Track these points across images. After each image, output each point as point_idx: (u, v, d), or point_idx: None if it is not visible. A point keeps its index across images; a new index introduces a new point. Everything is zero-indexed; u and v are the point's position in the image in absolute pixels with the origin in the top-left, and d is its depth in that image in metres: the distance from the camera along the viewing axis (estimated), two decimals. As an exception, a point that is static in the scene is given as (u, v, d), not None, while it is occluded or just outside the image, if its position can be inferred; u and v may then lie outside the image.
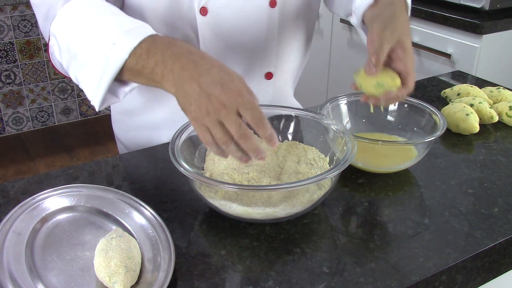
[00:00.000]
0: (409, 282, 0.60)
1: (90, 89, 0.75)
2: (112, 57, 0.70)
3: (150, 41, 0.70)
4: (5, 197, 0.77)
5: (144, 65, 0.68)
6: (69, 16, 0.77)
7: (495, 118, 0.99)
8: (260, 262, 0.64)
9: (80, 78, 0.76)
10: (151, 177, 0.82)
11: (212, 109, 0.62)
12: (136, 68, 0.69)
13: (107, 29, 0.72)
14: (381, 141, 0.81)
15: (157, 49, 0.68)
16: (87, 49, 0.73)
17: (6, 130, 2.94)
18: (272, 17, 0.92)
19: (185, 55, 0.67)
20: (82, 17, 0.76)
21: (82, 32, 0.75)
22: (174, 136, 0.73)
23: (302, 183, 0.66)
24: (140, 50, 0.69)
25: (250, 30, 0.92)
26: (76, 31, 0.75)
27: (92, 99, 0.75)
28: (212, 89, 0.63)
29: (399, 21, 0.80)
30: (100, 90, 0.73)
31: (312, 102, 1.29)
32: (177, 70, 0.66)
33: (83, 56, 0.74)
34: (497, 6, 1.75)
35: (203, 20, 0.87)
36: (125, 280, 0.58)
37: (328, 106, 0.88)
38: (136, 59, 0.69)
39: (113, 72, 0.70)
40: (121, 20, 0.74)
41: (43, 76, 2.92)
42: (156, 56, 0.68)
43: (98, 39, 0.72)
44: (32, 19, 2.78)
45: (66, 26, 0.77)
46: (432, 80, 1.23)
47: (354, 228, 0.71)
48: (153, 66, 0.67)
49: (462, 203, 0.75)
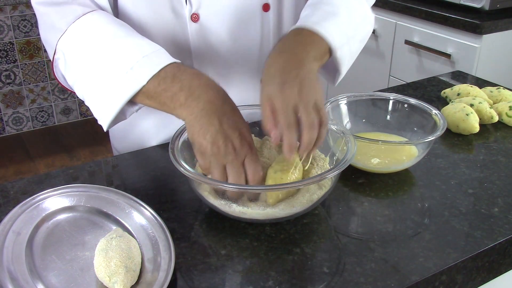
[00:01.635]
0: (409, 282, 0.60)
1: (99, 109, 0.75)
2: (129, 81, 0.70)
3: (176, 67, 0.70)
4: (5, 197, 0.77)
5: (166, 89, 0.68)
6: (81, 34, 0.76)
7: (495, 118, 0.99)
8: (260, 262, 0.64)
9: (88, 97, 0.76)
10: (151, 177, 0.82)
11: (224, 151, 0.64)
12: (155, 90, 0.69)
13: (124, 52, 0.72)
14: (381, 141, 0.81)
15: (183, 76, 0.69)
16: (100, 71, 0.73)
17: (6, 130, 2.94)
18: (266, 22, 0.91)
19: (212, 89, 0.68)
20: (94, 36, 0.75)
21: (95, 52, 0.74)
22: (174, 136, 0.73)
23: (302, 183, 0.66)
24: (164, 74, 0.69)
25: (244, 36, 0.90)
26: (88, 51, 0.75)
27: (100, 119, 0.75)
28: (231, 132, 0.65)
29: (275, 68, 0.68)
30: (111, 112, 0.73)
31: (312, 102, 1.29)
32: (203, 101, 0.66)
33: (94, 77, 0.74)
34: (497, 6, 1.75)
35: (194, 27, 0.86)
36: (125, 280, 0.58)
37: (328, 106, 0.88)
38: (158, 82, 0.69)
39: (128, 96, 0.71)
40: (137, 43, 0.74)
41: (43, 76, 2.92)
42: (183, 82, 0.68)
43: (113, 62, 0.72)
44: (32, 19, 2.78)
45: (77, 44, 0.76)
46: (432, 80, 1.23)
47: (354, 228, 0.71)
48: (177, 91, 0.68)
49: (462, 203, 0.75)
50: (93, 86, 0.74)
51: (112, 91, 0.72)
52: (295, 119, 0.64)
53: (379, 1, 2.01)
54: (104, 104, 0.73)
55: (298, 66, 0.68)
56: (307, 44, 0.73)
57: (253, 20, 0.89)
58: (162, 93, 0.69)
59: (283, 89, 0.65)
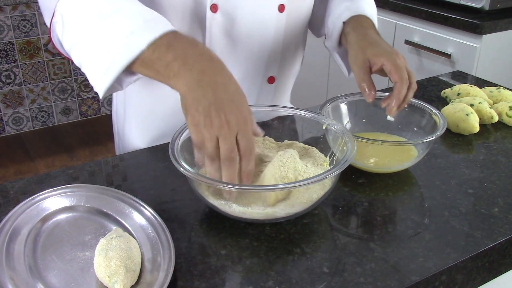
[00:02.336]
0: (409, 282, 0.60)
1: (95, 75, 0.71)
2: (129, 45, 0.67)
3: (172, 35, 0.68)
4: (5, 197, 0.77)
5: (160, 57, 0.66)
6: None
7: (495, 118, 0.99)
8: (260, 262, 0.64)
9: (85, 62, 0.73)
10: (151, 177, 0.82)
11: (217, 123, 0.63)
12: (150, 58, 0.67)
13: (124, 17, 0.70)
14: (381, 141, 0.81)
15: (178, 45, 0.67)
16: (98, 34, 0.70)
17: (6, 130, 2.94)
18: (280, 22, 0.93)
19: (207, 59, 0.66)
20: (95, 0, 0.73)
21: (94, 16, 0.72)
22: (174, 136, 0.73)
23: (302, 183, 0.66)
24: (160, 42, 0.67)
25: (257, 33, 0.92)
26: (87, 14, 0.72)
27: (96, 85, 0.72)
28: (224, 104, 0.63)
29: (373, 38, 0.87)
30: (108, 78, 0.70)
31: (312, 102, 1.29)
32: (196, 71, 0.65)
33: (92, 41, 0.71)
34: (497, 6, 1.75)
35: (212, 17, 0.87)
36: (125, 280, 0.58)
37: (328, 106, 0.88)
38: (153, 50, 0.67)
39: (126, 61, 0.68)
40: (138, 9, 0.71)
41: (43, 76, 2.92)
42: (176, 51, 0.66)
43: (112, 25, 0.69)
44: (32, 19, 2.78)
45: (76, 7, 0.74)
46: (432, 80, 1.23)
47: (354, 228, 0.71)
48: (171, 60, 0.66)
49: (462, 203, 0.75)
50: (91, 51, 0.71)
51: (110, 55, 0.69)
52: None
53: (379, 1, 2.00)
54: (102, 69, 0.70)
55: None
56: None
57: (268, 19, 0.92)
58: (156, 61, 0.67)
59: (396, 54, 0.83)
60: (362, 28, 0.90)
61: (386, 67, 0.81)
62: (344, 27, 0.94)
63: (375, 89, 0.83)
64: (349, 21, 0.93)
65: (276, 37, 0.94)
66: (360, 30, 0.90)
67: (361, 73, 0.84)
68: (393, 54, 0.82)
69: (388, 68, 0.81)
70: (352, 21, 0.93)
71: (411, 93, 0.81)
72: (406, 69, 0.81)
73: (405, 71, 0.81)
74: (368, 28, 0.91)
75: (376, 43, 0.86)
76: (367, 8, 0.96)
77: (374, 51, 0.84)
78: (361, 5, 0.96)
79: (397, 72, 0.80)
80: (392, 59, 0.81)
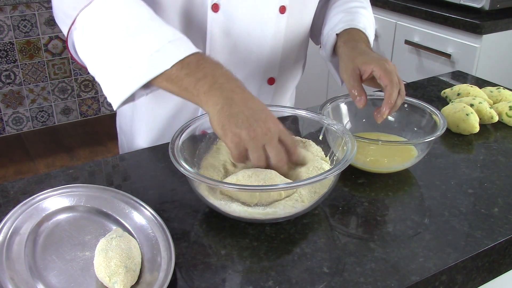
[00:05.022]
0: (409, 282, 0.60)
1: (113, 88, 0.74)
2: (154, 62, 0.70)
3: (199, 55, 0.72)
4: (5, 197, 0.77)
5: (190, 74, 0.70)
6: (105, 10, 0.76)
7: (495, 118, 0.99)
8: (260, 262, 0.64)
9: (103, 74, 0.75)
10: (151, 177, 0.82)
11: (260, 132, 0.66)
12: (177, 74, 0.70)
13: (148, 35, 0.73)
14: (381, 141, 0.81)
15: (207, 64, 0.71)
16: (120, 50, 0.73)
17: (6, 130, 2.94)
18: (280, 24, 0.93)
19: (233, 80, 0.71)
20: (120, 15, 0.75)
21: (118, 32, 0.74)
22: (174, 136, 0.73)
23: (302, 183, 0.66)
24: (188, 59, 0.70)
25: (258, 34, 0.92)
26: (111, 29, 0.74)
27: (112, 97, 0.75)
28: (260, 114, 0.67)
29: (362, 49, 0.89)
30: (126, 92, 0.73)
31: (312, 102, 1.29)
32: (226, 90, 0.68)
33: (113, 55, 0.73)
34: (497, 6, 1.75)
35: (213, 17, 0.88)
36: (125, 280, 0.58)
37: (328, 106, 0.88)
38: (181, 67, 0.70)
39: (149, 77, 0.71)
40: (162, 28, 0.74)
41: (43, 76, 2.92)
42: (206, 70, 0.70)
43: (136, 43, 0.72)
44: (32, 19, 2.78)
45: (100, 20, 0.75)
46: (432, 80, 1.23)
47: (354, 228, 0.71)
48: (201, 78, 0.69)
49: (462, 203, 0.75)
50: (111, 64, 0.74)
51: (132, 70, 0.72)
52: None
53: (379, 1, 2.01)
54: (121, 83, 0.73)
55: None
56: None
57: (269, 20, 0.92)
58: (185, 77, 0.70)
59: (385, 60, 0.84)
60: (353, 41, 0.92)
61: (376, 73, 0.82)
62: (337, 39, 0.95)
63: (366, 95, 0.83)
64: (342, 34, 0.94)
65: (275, 38, 0.94)
66: (351, 43, 0.91)
67: (351, 80, 0.84)
68: (382, 61, 0.83)
69: (378, 74, 0.81)
70: (344, 34, 0.94)
71: (400, 101, 0.82)
72: (396, 75, 0.82)
73: (395, 76, 0.81)
74: (359, 41, 0.91)
75: (366, 53, 0.87)
76: (362, 20, 0.97)
77: (363, 59, 0.85)
78: (356, 17, 0.97)
79: (387, 76, 0.81)
80: (382, 65, 0.82)
